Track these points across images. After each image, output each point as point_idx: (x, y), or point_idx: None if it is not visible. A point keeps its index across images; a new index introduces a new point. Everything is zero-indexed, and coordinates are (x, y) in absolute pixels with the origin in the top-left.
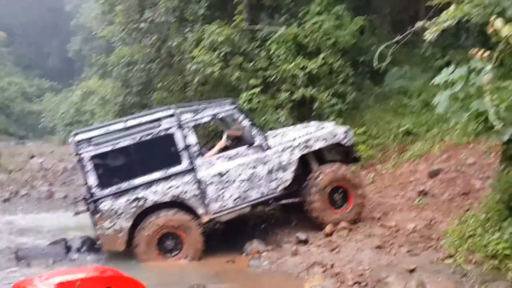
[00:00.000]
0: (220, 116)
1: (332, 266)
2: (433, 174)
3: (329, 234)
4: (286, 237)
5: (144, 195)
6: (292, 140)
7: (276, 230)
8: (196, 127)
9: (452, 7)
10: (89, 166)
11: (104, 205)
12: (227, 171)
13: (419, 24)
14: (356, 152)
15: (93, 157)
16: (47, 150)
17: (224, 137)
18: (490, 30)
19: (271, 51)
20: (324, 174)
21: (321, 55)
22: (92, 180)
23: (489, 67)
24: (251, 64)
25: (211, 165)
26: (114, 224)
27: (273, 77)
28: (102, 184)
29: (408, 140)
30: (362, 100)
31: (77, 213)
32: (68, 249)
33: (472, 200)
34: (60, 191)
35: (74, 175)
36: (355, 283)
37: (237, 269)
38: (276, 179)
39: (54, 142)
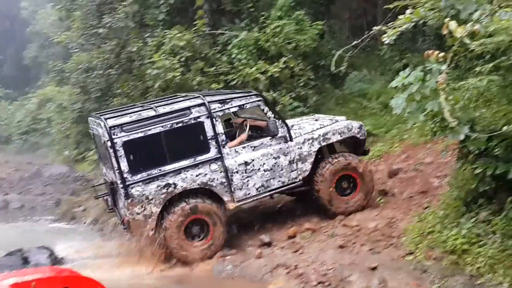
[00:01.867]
0: (247, 106)
1: (295, 267)
2: (392, 174)
3: (292, 236)
4: (249, 240)
5: (174, 181)
6: (311, 132)
7: (239, 233)
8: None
9: (408, 11)
10: (121, 151)
11: (136, 191)
12: (252, 161)
13: (376, 28)
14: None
15: (125, 143)
16: (2, 160)
17: (247, 129)
18: (444, 31)
19: (233, 56)
20: (333, 163)
21: (282, 59)
22: (124, 165)
23: (444, 67)
24: (213, 68)
25: (237, 154)
26: (144, 210)
27: (235, 82)
28: (133, 170)
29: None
30: (323, 103)
31: (97, 197)
32: (24, 260)
33: (430, 198)
34: (16, 201)
35: (30, 184)
36: (319, 283)
37: (200, 273)
38: (296, 169)
39: (9, 151)
